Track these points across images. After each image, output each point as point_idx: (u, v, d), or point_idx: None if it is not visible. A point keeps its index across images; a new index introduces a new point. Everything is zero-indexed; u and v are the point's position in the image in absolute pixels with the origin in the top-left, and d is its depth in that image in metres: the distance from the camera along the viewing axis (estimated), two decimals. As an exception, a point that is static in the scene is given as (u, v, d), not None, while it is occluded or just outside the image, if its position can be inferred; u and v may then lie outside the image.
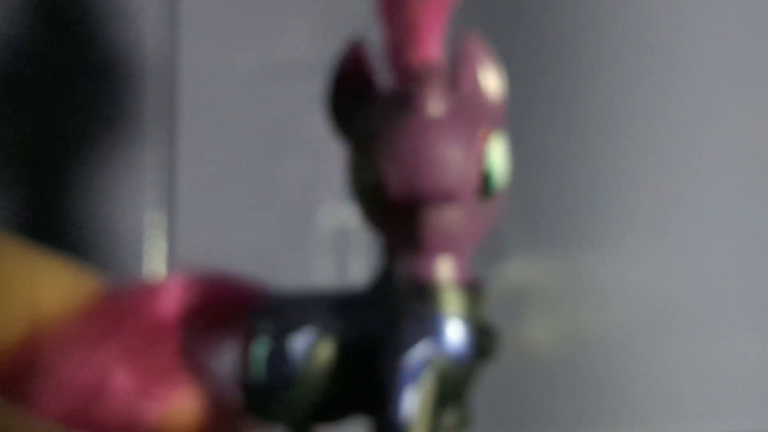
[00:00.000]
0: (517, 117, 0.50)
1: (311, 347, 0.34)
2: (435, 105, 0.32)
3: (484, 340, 0.34)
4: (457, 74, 0.33)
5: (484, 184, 0.32)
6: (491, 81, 0.34)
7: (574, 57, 0.56)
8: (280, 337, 0.34)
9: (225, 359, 0.36)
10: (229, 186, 0.54)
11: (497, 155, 0.33)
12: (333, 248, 0.55)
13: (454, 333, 0.33)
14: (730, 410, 0.57)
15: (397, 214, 0.32)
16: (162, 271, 0.37)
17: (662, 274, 0.57)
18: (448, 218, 0.32)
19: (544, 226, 0.56)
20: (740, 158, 0.57)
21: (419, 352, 0.33)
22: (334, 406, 0.35)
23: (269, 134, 0.55)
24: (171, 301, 0.36)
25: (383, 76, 0.34)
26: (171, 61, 0.53)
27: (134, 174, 0.53)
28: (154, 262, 0.52)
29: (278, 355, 0.34)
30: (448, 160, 0.32)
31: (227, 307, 0.36)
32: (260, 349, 0.34)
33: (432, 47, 0.33)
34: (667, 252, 0.57)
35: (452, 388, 0.34)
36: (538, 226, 0.56)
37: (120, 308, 0.36)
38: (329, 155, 0.56)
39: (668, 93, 0.57)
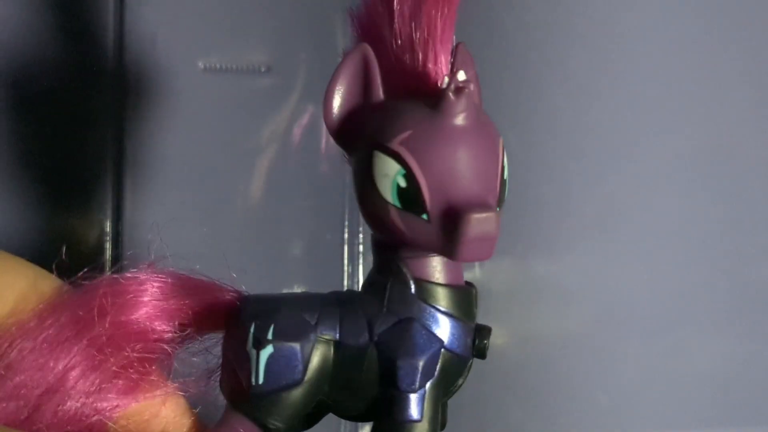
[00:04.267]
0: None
1: (311, 351, 0.34)
2: (468, 114, 0.32)
3: (482, 339, 0.34)
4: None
5: (502, 191, 0.33)
6: (478, 90, 0.35)
7: (531, 72, 0.57)
8: (282, 341, 0.34)
9: (205, 358, 0.36)
10: (185, 191, 0.54)
11: (506, 163, 0.33)
12: (292, 251, 0.55)
13: (459, 332, 0.34)
14: (684, 417, 0.58)
15: (432, 219, 0.32)
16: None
17: (618, 280, 0.57)
18: (489, 224, 0.31)
19: (501, 230, 0.56)
20: (691, 166, 0.58)
21: (432, 353, 0.33)
22: (322, 409, 0.35)
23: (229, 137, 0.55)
24: (136, 300, 0.35)
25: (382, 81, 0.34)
26: (120, 63, 0.53)
27: (87, 178, 0.53)
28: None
29: (280, 360, 0.33)
30: (481, 167, 0.32)
31: (201, 307, 0.36)
32: (264, 354, 0.34)
33: (446, 56, 0.33)
34: (623, 258, 0.58)
35: (452, 386, 0.34)
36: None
37: (84, 307, 0.35)
38: (289, 159, 0.56)
39: (619, 107, 0.58)
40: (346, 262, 0.57)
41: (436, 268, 0.34)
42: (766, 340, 0.59)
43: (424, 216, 0.32)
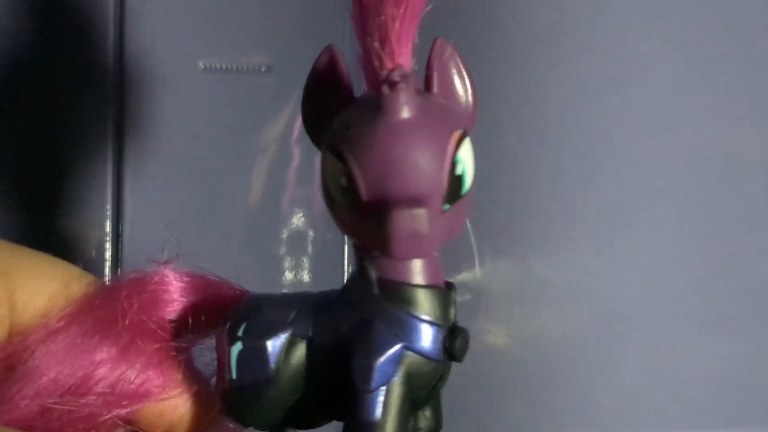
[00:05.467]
0: (477, 130, 0.51)
1: (283, 349, 0.33)
2: (405, 108, 0.31)
3: (454, 341, 0.33)
4: (428, 78, 0.33)
5: (454, 187, 0.32)
6: (462, 84, 0.34)
7: (532, 72, 0.57)
8: (252, 338, 0.34)
9: (206, 358, 0.36)
10: (185, 191, 0.54)
11: (467, 158, 0.32)
12: (293, 252, 0.55)
13: (425, 334, 0.33)
14: (684, 417, 0.58)
15: (367, 217, 0.31)
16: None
17: (618, 280, 0.57)
18: (417, 221, 0.31)
19: (501, 231, 0.56)
20: (692, 166, 0.58)
21: (390, 353, 0.32)
22: (307, 408, 0.35)
23: (228, 139, 0.55)
24: (158, 299, 0.35)
25: (357, 83, 0.34)
26: (120, 66, 0.53)
27: (87, 178, 0.53)
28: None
29: (250, 357, 0.33)
30: (419, 163, 0.31)
31: (211, 306, 0.36)
32: (234, 351, 0.34)
33: (404, 53, 0.33)
34: (623, 258, 0.57)
35: (423, 389, 0.33)
36: (495, 232, 0.56)
37: (108, 308, 0.35)
38: (289, 159, 0.56)
39: (620, 107, 0.58)
40: (346, 262, 0.57)
41: (405, 267, 0.33)
42: (766, 340, 0.59)
43: (362, 213, 0.31)
